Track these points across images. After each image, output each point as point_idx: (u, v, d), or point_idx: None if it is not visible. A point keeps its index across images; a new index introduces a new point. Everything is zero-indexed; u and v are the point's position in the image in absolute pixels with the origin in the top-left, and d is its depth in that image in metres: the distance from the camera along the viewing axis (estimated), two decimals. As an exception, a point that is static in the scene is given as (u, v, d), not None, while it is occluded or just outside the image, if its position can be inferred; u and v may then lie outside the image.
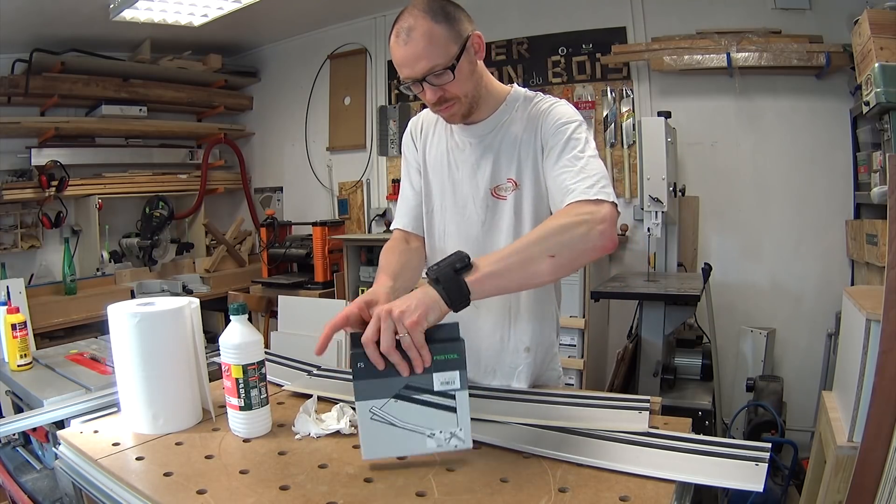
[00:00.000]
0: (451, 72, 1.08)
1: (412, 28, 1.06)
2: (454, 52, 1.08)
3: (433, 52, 1.06)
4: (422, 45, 1.05)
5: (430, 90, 1.10)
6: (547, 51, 3.24)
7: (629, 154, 3.09)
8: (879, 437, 1.35)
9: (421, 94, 1.13)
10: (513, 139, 1.20)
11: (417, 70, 1.07)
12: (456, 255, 0.92)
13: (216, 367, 1.19)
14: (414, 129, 1.36)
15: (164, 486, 0.88)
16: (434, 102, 1.13)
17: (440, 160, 1.29)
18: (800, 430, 2.63)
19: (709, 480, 0.83)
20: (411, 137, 1.36)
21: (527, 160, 1.19)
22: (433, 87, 1.10)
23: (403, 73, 1.09)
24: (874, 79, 1.99)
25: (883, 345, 1.36)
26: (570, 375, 2.57)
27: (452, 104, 1.14)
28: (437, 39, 1.06)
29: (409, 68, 1.08)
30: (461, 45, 1.09)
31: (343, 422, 1.06)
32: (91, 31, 3.32)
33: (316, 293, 3.36)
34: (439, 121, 1.29)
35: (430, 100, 1.12)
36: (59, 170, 3.38)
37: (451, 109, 1.15)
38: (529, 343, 1.28)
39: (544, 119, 1.17)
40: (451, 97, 1.12)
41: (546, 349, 1.32)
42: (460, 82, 1.11)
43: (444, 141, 1.28)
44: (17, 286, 2.85)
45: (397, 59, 1.09)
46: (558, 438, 0.98)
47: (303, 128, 4.20)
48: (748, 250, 2.92)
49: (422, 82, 1.09)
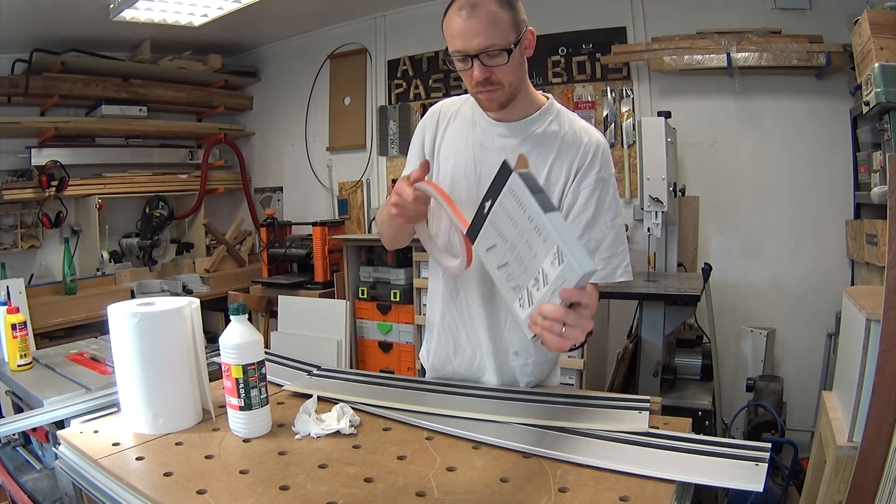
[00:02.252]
0: (506, 54, 1.08)
1: (477, 4, 1.06)
2: (512, 38, 1.09)
3: (493, 32, 1.06)
4: (484, 22, 1.06)
5: (479, 68, 1.09)
6: (547, 51, 3.24)
7: (629, 154, 3.09)
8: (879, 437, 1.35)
9: (464, 73, 1.13)
10: (543, 154, 1.20)
11: (473, 45, 1.07)
12: None
13: (216, 367, 1.19)
14: (436, 113, 1.32)
15: (164, 486, 0.88)
16: (479, 82, 1.11)
17: (461, 153, 1.26)
18: (800, 430, 2.63)
19: (709, 480, 0.83)
20: (436, 120, 1.31)
21: (557, 182, 1.19)
22: (483, 67, 1.09)
23: (456, 44, 1.09)
24: (874, 79, 1.99)
25: (883, 345, 1.36)
26: (570, 375, 2.57)
27: (496, 89, 1.13)
28: (500, 22, 1.07)
29: (465, 41, 1.07)
30: (518, 35, 1.10)
31: (343, 422, 1.06)
32: (91, 31, 3.32)
33: (316, 293, 3.36)
34: (459, 115, 1.28)
35: (477, 77, 1.11)
36: (59, 170, 3.38)
37: (494, 94, 1.14)
38: (518, 348, 1.28)
39: (588, 156, 1.18)
40: (497, 82, 1.12)
41: (540, 360, 1.31)
42: (510, 69, 1.11)
43: (466, 135, 1.26)
44: (17, 286, 2.85)
45: (453, 30, 1.08)
46: (558, 438, 0.98)
47: (303, 128, 4.20)
48: (748, 250, 2.92)
49: (473, 58, 1.09)
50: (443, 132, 1.30)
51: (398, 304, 3.14)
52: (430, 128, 1.32)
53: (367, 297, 3.25)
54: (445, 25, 1.11)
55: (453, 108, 1.31)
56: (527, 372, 1.30)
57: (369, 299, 3.25)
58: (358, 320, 3.31)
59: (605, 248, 1.17)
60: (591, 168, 1.18)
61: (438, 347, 1.36)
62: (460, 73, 1.15)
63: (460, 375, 1.34)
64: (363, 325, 3.30)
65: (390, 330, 3.20)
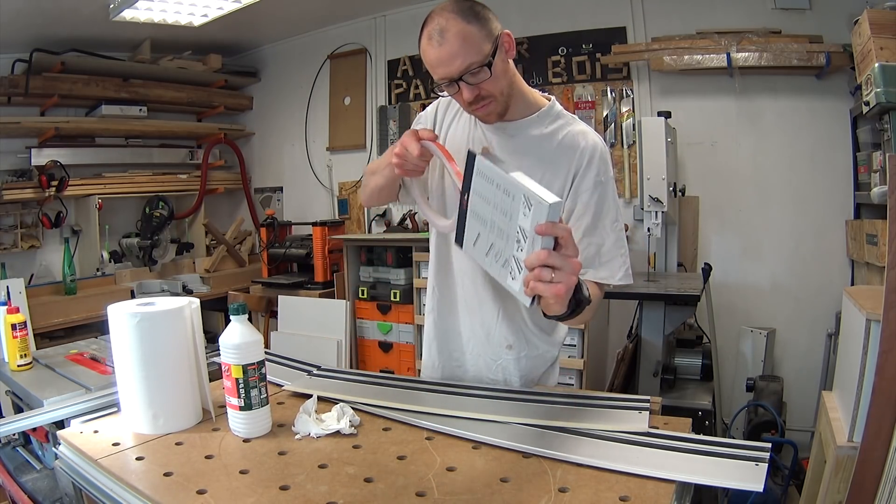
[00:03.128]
0: (487, 69, 1.08)
1: (445, 29, 1.06)
2: (488, 50, 1.08)
3: (468, 50, 1.06)
4: (456, 44, 1.06)
5: (466, 89, 1.10)
6: (547, 51, 3.24)
7: (629, 154, 3.09)
8: (879, 437, 1.35)
9: (456, 96, 1.14)
10: (542, 154, 1.20)
11: (454, 69, 1.07)
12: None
13: (216, 367, 1.19)
14: (437, 109, 1.33)
15: (164, 486, 0.88)
16: (471, 101, 1.12)
17: (462, 152, 1.27)
18: (800, 430, 2.63)
19: (709, 480, 0.83)
20: (442, 113, 1.32)
21: (554, 182, 1.19)
22: (469, 86, 1.10)
23: (438, 73, 1.10)
24: (874, 79, 1.99)
25: (883, 345, 1.36)
26: (570, 375, 2.57)
27: (489, 102, 1.13)
28: (471, 39, 1.06)
29: (445, 67, 1.08)
30: (493, 43, 1.09)
31: (343, 422, 1.06)
32: (91, 31, 3.32)
33: (316, 293, 3.36)
34: (461, 113, 1.29)
35: (467, 98, 1.12)
36: (59, 170, 3.38)
37: (488, 108, 1.14)
38: (512, 341, 1.30)
39: (585, 160, 1.19)
40: (487, 95, 1.12)
41: (532, 355, 1.32)
42: (496, 80, 1.11)
43: (468, 132, 1.27)
44: (17, 286, 2.85)
45: (431, 60, 1.09)
46: (558, 438, 0.98)
47: (303, 128, 4.20)
48: (748, 250, 2.92)
49: (458, 82, 1.09)
50: (446, 128, 1.31)
51: (398, 304, 3.14)
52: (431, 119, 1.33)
53: (367, 297, 3.25)
54: (423, 56, 1.11)
55: (456, 106, 1.31)
56: (520, 366, 1.32)
57: (369, 299, 3.25)
58: (358, 320, 3.31)
59: (605, 251, 1.18)
60: (589, 172, 1.18)
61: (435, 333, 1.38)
62: (452, 97, 1.16)
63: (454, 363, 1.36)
64: (363, 325, 3.30)
65: (390, 330, 3.20)
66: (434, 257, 1.36)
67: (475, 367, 1.34)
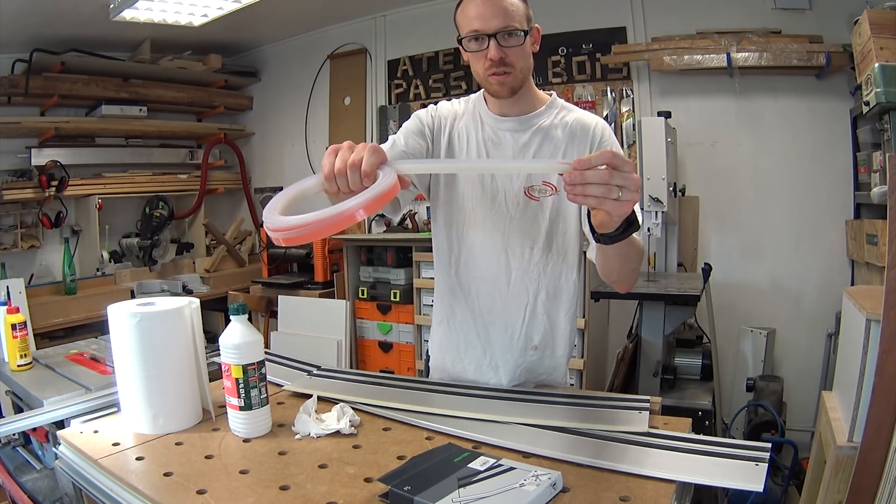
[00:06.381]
0: (523, 35, 1.14)
1: None
2: (525, 25, 1.16)
3: (511, 14, 1.14)
4: (502, 6, 1.13)
5: (495, 48, 1.14)
6: (547, 51, 3.23)
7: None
8: (879, 437, 1.35)
9: (477, 56, 1.17)
10: (557, 140, 1.24)
11: (493, 24, 1.13)
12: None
13: (216, 367, 1.19)
14: (436, 114, 1.31)
15: (164, 486, 0.88)
16: (494, 62, 1.15)
17: (472, 151, 1.28)
18: (800, 430, 2.63)
19: (709, 480, 0.83)
20: (438, 119, 1.30)
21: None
22: (499, 47, 1.14)
23: (474, 24, 1.14)
24: (874, 79, 1.99)
25: (883, 345, 1.36)
26: (570, 375, 2.57)
27: (509, 72, 1.17)
28: (515, 7, 1.15)
29: (484, 22, 1.13)
30: (529, 26, 1.18)
31: (343, 422, 1.06)
32: (91, 31, 3.32)
33: (316, 293, 3.36)
34: (460, 116, 1.30)
35: (493, 57, 1.15)
36: (59, 170, 3.38)
37: (506, 78, 1.17)
38: (538, 342, 1.29)
39: (598, 137, 1.24)
40: (510, 64, 1.16)
41: (554, 353, 1.32)
42: (522, 54, 1.17)
43: (476, 133, 1.28)
44: (17, 286, 2.85)
45: (472, 12, 1.14)
46: (558, 438, 0.98)
47: (303, 128, 4.20)
48: (748, 250, 2.92)
49: (490, 39, 1.13)
50: (448, 132, 1.30)
51: (398, 304, 3.14)
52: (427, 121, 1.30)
53: (367, 297, 3.25)
54: (460, 12, 1.18)
55: (452, 110, 1.32)
56: (544, 364, 1.32)
57: (369, 299, 3.25)
58: (358, 320, 3.31)
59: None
60: (604, 144, 1.23)
61: (448, 344, 1.36)
62: (471, 58, 1.19)
63: (469, 374, 1.34)
64: (363, 325, 3.30)
65: (390, 330, 3.20)
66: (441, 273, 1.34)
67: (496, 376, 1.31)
